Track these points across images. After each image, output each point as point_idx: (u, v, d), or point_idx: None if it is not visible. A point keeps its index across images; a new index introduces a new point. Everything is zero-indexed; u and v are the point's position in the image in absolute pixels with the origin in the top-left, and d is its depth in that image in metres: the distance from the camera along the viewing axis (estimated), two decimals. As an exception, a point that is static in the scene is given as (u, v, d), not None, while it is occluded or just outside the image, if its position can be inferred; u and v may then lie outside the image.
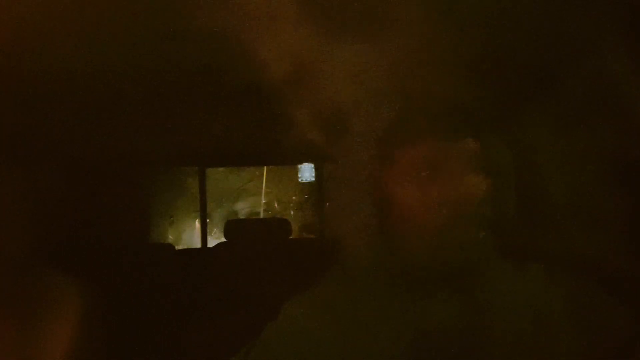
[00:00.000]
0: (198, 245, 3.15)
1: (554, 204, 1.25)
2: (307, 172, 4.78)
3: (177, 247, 2.77)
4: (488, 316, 0.77)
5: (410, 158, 0.78)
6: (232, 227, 2.42)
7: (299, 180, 5.09)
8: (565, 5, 0.95)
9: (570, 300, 0.78)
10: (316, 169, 3.39)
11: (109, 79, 1.18)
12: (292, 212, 5.89)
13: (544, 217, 1.29)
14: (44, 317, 0.94)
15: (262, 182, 5.87)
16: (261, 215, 5.91)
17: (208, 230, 3.02)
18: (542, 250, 1.25)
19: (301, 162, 4.07)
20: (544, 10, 0.96)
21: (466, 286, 0.78)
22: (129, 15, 0.89)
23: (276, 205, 6.03)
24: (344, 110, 0.88)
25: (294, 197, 5.91)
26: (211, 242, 2.74)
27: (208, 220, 3.12)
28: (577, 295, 0.80)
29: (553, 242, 1.25)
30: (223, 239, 2.39)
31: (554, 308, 0.78)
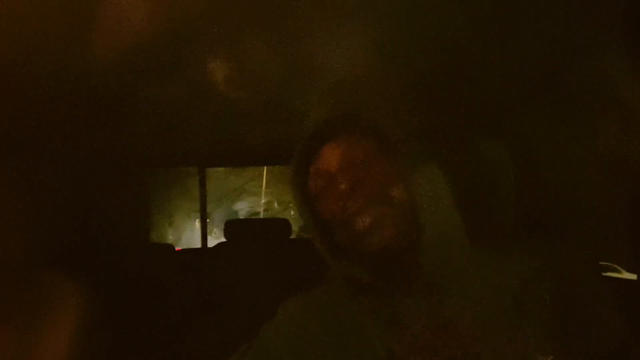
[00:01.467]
0: (198, 245, 3.15)
1: (553, 204, 1.25)
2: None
3: (177, 247, 2.76)
4: (482, 314, 0.77)
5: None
6: (232, 227, 2.41)
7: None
8: (565, 5, 0.95)
9: (566, 300, 0.78)
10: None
11: (109, 79, 1.18)
12: (292, 212, 5.90)
13: (543, 217, 1.29)
14: (45, 317, 0.94)
15: (262, 182, 5.87)
16: (261, 215, 5.90)
17: (208, 230, 3.02)
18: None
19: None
20: (544, 10, 0.96)
21: (462, 287, 0.78)
22: (129, 16, 0.89)
23: (276, 205, 6.03)
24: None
25: (294, 197, 5.90)
26: (211, 242, 2.74)
27: (208, 220, 3.12)
28: (573, 295, 0.79)
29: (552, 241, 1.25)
30: (223, 239, 2.39)
31: (550, 307, 0.78)
